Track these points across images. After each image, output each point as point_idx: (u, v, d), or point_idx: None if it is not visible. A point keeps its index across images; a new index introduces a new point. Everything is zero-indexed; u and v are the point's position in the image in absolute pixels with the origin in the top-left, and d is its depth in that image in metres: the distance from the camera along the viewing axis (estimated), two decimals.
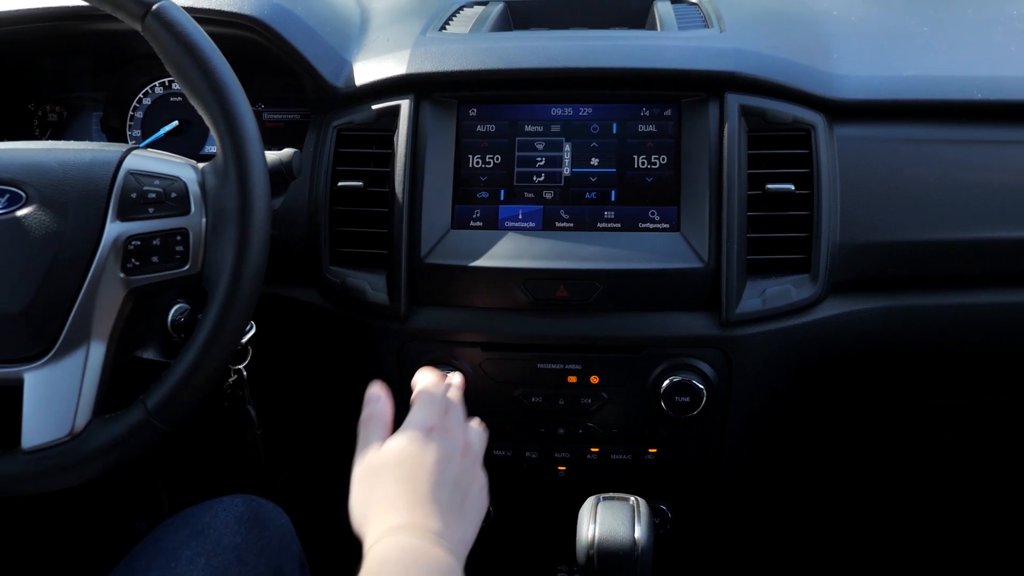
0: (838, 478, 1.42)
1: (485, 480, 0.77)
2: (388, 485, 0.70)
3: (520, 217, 0.96)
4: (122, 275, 0.79)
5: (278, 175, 0.89)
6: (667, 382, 0.94)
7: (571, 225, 0.96)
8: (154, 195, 0.80)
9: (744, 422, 1.01)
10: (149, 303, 0.84)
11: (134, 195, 0.80)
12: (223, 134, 0.79)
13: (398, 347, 0.98)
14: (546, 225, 0.96)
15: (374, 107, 0.99)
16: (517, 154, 0.98)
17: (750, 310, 0.93)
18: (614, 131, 0.97)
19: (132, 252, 0.79)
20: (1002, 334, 1.01)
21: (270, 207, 0.81)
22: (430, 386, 0.82)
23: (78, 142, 0.87)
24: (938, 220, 0.95)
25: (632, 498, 0.86)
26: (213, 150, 1.04)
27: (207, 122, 0.80)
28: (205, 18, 0.91)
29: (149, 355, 0.87)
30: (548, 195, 0.97)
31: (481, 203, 0.97)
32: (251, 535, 0.86)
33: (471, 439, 0.78)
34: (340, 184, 0.98)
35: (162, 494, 1.45)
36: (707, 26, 1.05)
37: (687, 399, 0.94)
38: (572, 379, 0.97)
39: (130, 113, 1.17)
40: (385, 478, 0.71)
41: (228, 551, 0.84)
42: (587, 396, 0.98)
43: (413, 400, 0.80)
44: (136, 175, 0.81)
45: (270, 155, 0.88)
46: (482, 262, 0.93)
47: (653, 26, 1.13)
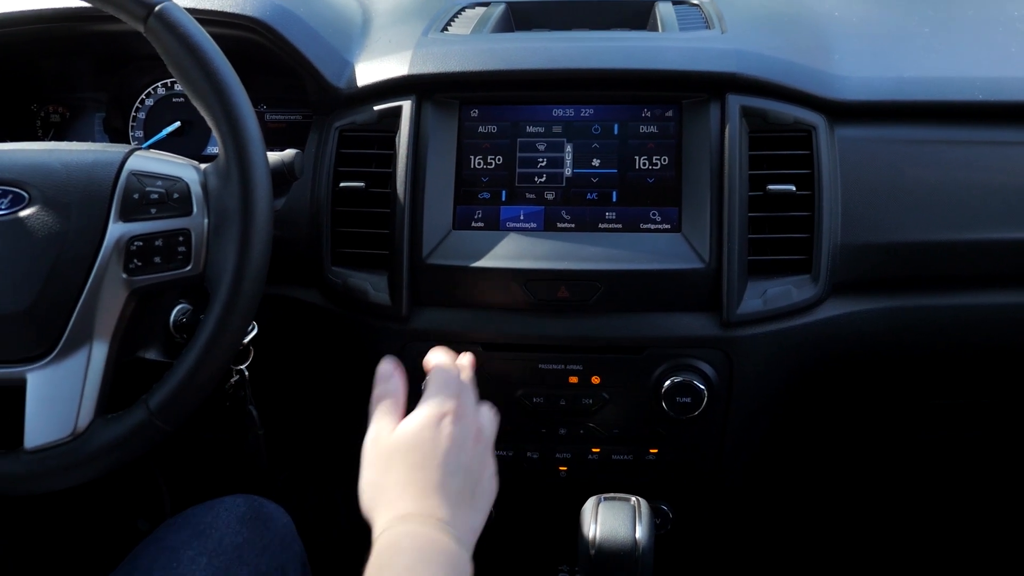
0: (839, 478, 1.42)
1: (495, 466, 0.77)
2: (399, 471, 0.70)
3: (521, 218, 0.96)
4: (124, 275, 0.79)
5: (280, 176, 0.89)
6: (668, 382, 0.94)
7: (572, 226, 0.96)
8: (156, 196, 0.81)
9: (745, 422, 1.01)
10: (151, 303, 0.85)
11: (136, 196, 0.80)
12: (225, 135, 0.79)
13: (400, 347, 0.98)
14: (547, 226, 0.96)
15: (376, 108, 0.99)
16: (519, 155, 0.98)
17: (751, 311, 0.93)
18: (615, 132, 0.97)
19: (134, 252, 0.79)
20: (1003, 335, 1.01)
21: (272, 208, 0.81)
22: (444, 368, 0.81)
23: (81, 143, 0.87)
24: (939, 221, 0.95)
25: (633, 498, 0.86)
26: (215, 151, 1.04)
27: (209, 123, 0.80)
28: (207, 19, 0.91)
29: (151, 355, 0.87)
30: (549, 196, 0.97)
31: (482, 204, 0.97)
32: (253, 535, 0.87)
33: (483, 425, 0.78)
34: (342, 185, 0.98)
35: (164, 494, 1.45)
36: (708, 27, 1.05)
37: (688, 399, 0.94)
38: (573, 379, 0.97)
39: (132, 114, 1.17)
40: (397, 463, 0.71)
41: (230, 551, 0.84)
42: (588, 396, 0.98)
43: (426, 382, 0.80)
44: (138, 176, 0.81)
45: (272, 156, 0.88)
46: (483, 263, 0.93)
47: (655, 27, 1.14)
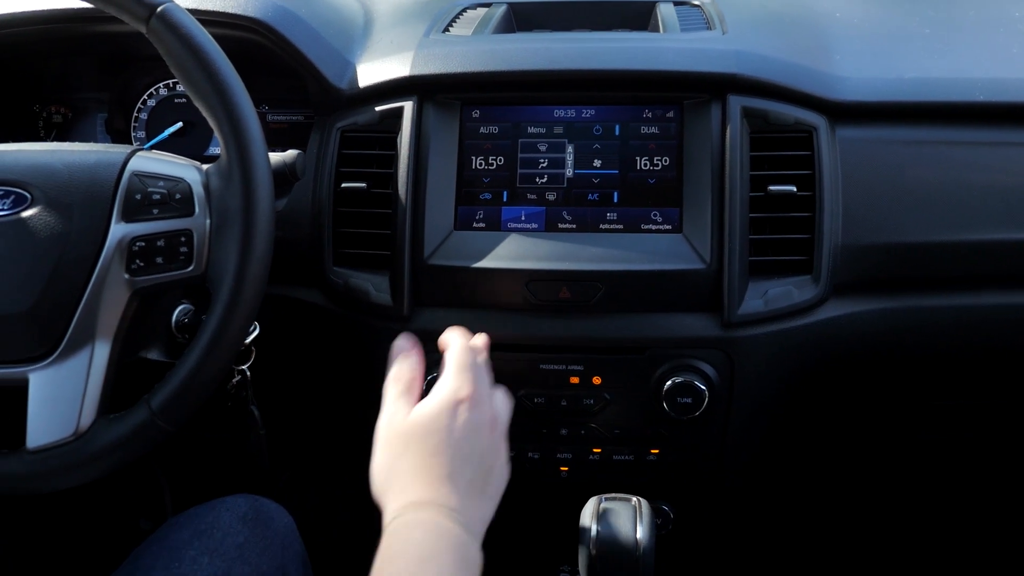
0: (841, 478, 1.42)
1: (507, 453, 0.76)
2: (413, 456, 0.69)
3: (523, 218, 0.96)
4: (126, 276, 0.79)
5: (282, 176, 0.89)
6: (669, 383, 0.94)
7: (574, 226, 0.96)
8: (158, 196, 0.81)
9: (746, 423, 1.01)
10: (153, 304, 0.85)
11: (138, 196, 0.80)
12: (227, 136, 0.79)
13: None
14: (549, 226, 0.96)
15: (378, 109, 0.99)
16: (520, 155, 0.98)
17: (752, 311, 0.93)
18: (617, 133, 0.97)
19: (136, 253, 0.79)
20: (1004, 335, 1.01)
21: (274, 208, 0.81)
22: (463, 350, 0.80)
23: (83, 143, 0.87)
24: (940, 222, 0.95)
25: (634, 498, 0.86)
26: (217, 151, 1.04)
27: (211, 124, 0.80)
28: (209, 20, 0.91)
29: (153, 355, 0.88)
30: (551, 196, 0.97)
31: (484, 204, 0.97)
32: (254, 534, 0.87)
33: (498, 412, 0.77)
34: (343, 185, 0.98)
35: (166, 494, 1.46)
36: (709, 28, 1.06)
37: (689, 400, 0.94)
38: (574, 380, 0.97)
39: (134, 114, 1.17)
40: (411, 448, 0.70)
41: (231, 550, 0.84)
42: (589, 397, 0.98)
43: (444, 364, 0.79)
44: (141, 176, 0.81)
45: (274, 156, 0.88)
46: (485, 263, 0.93)
47: (656, 28, 1.14)
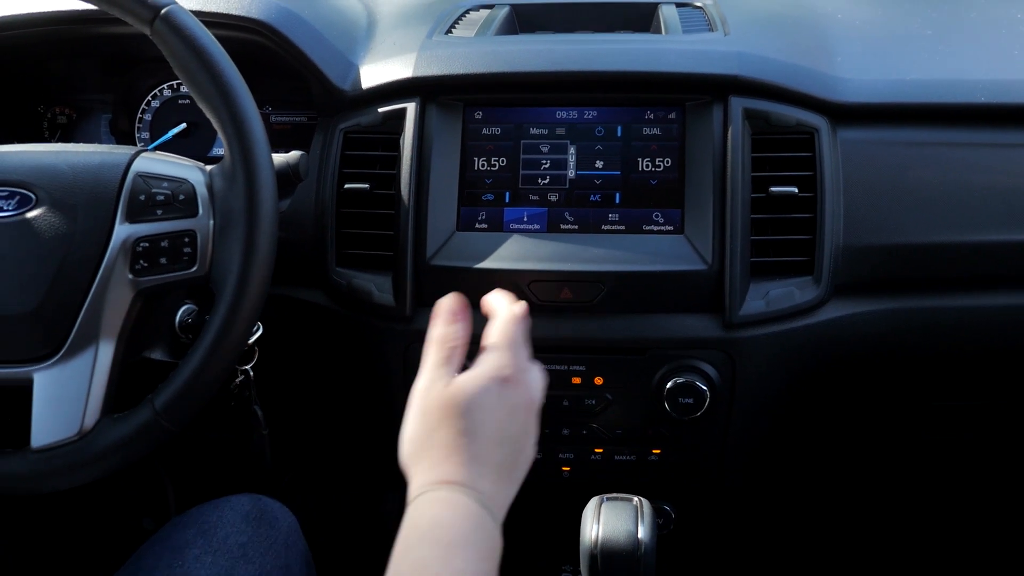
0: (842, 479, 1.42)
1: (536, 435, 0.73)
2: (449, 432, 0.67)
3: (525, 219, 0.97)
4: (130, 276, 0.80)
5: (285, 177, 0.90)
6: (671, 383, 0.95)
7: (576, 227, 0.96)
8: (162, 197, 0.81)
9: (747, 423, 1.01)
10: (157, 304, 0.85)
11: (142, 197, 0.81)
12: (231, 137, 0.79)
13: (404, 348, 0.98)
14: (551, 227, 0.96)
15: (380, 110, 0.99)
16: (522, 157, 0.98)
17: (754, 312, 0.93)
18: (618, 134, 0.97)
19: (140, 254, 0.80)
20: (1005, 336, 1.01)
21: (277, 209, 0.81)
22: (510, 322, 0.75)
23: (87, 144, 0.88)
24: (941, 223, 0.95)
25: (636, 498, 0.86)
26: (221, 152, 1.05)
27: (215, 125, 0.81)
28: (213, 21, 0.91)
29: (157, 355, 0.88)
30: (553, 197, 0.97)
31: (486, 205, 0.97)
32: (257, 534, 0.87)
33: (534, 393, 0.73)
34: (346, 186, 0.99)
35: (169, 493, 1.46)
36: (711, 29, 1.06)
37: (691, 400, 0.95)
38: (576, 380, 0.98)
39: (138, 115, 1.18)
40: (447, 423, 0.67)
41: (234, 549, 0.84)
42: (591, 397, 0.98)
43: (490, 336, 0.74)
44: (145, 177, 0.82)
45: (277, 158, 0.88)
46: (487, 264, 0.94)
47: (658, 29, 1.14)
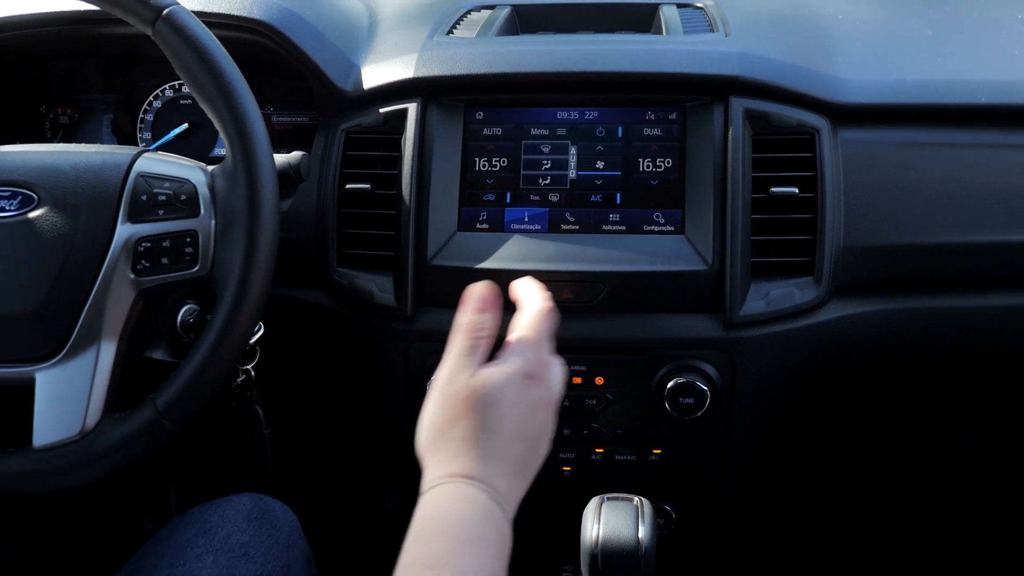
0: (842, 479, 1.42)
1: (553, 431, 0.72)
2: (469, 425, 0.66)
3: (526, 219, 0.97)
4: (132, 276, 0.80)
5: (286, 177, 0.90)
6: (671, 384, 0.95)
7: (576, 227, 0.96)
8: (164, 197, 0.81)
9: (748, 423, 1.01)
10: (159, 304, 0.85)
11: (144, 197, 0.81)
12: (232, 137, 0.80)
13: (405, 348, 0.98)
14: (552, 227, 0.96)
15: (382, 110, 1.00)
16: (523, 157, 0.98)
17: (754, 312, 0.93)
18: (619, 134, 0.97)
19: (142, 253, 0.80)
20: (1006, 336, 1.01)
21: (278, 209, 0.82)
22: (540, 316, 0.73)
23: (89, 145, 0.88)
24: (942, 223, 0.95)
25: (636, 498, 0.86)
26: (222, 152, 1.05)
27: (216, 125, 0.81)
28: (214, 22, 0.91)
29: (159, 355, 0.88)
30: (554, 198, 0.97)
31: (487, 205, 0.98)
32: (259, 533, 0.87)
33: (555, 390, 0.72)
34: (348, 186, 0.99)
35: (170, 493, 1.46)
36: (712, 30, 1.06)
37: (691, 400, 0.95)
38: (577, 380, 0.98)
39: (140, 116, 1.18)
40: (468, 416, 0.66)
41: (236, 549, 0.84)
42: (592, 397, 0.98)
43: (518, 329, 0.72)
44: (146, 177, 0.82)
45: (279, 158, 0.89)
46: (488, 264, 0.94)
47: (659, 30, 1.14)
